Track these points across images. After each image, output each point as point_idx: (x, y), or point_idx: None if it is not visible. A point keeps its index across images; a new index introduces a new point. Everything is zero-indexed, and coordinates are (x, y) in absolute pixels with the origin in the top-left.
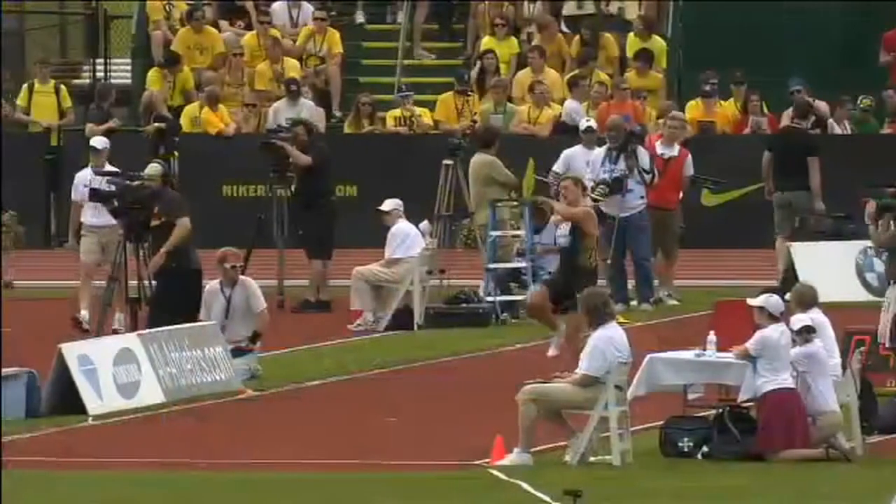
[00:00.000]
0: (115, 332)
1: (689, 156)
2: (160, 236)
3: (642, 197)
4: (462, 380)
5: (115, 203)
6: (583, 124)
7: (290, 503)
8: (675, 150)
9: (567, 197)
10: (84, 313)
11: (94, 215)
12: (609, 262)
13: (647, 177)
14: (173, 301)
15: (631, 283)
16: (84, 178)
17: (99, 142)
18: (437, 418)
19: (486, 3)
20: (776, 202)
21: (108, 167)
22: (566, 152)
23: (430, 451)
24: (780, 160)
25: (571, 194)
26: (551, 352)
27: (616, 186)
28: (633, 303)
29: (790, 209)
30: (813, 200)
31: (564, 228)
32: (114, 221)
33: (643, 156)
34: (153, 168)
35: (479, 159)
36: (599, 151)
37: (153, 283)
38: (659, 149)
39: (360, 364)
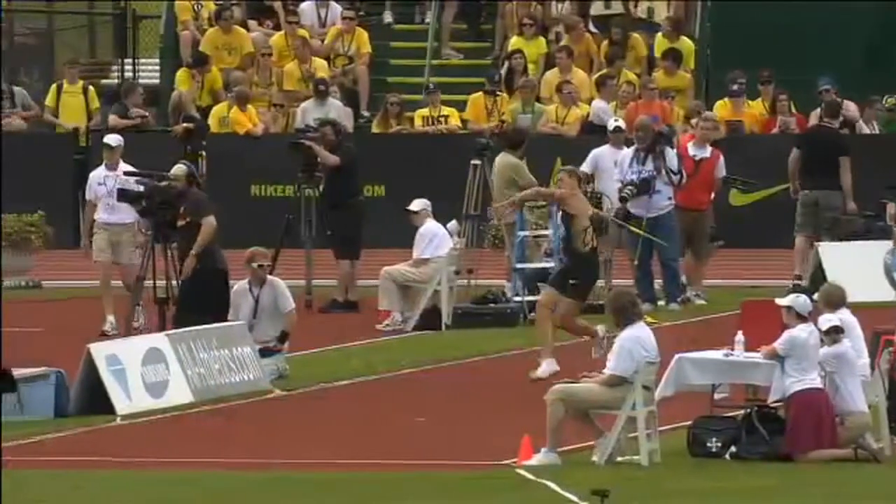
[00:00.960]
0: (136, 329)
1: (721, 157)
2: (187, 236)
3: (670, 198)
4: (489, 379)
5: (144, 203)
6: (611, 124)
7: (319, 502)
8: (707, 151)
9: (562, 188)
10: (111, 319)
11: (106, 212)
12: (636, 262)
13: (675, 178)
14: (199, 301)
15: (658, 283)
16: (98, 176)
17: (113, 139)
18: (465, 418)
19: (514, 3)
20: (802, 200)
21: (123, 165)
22: (594, 152)
23: (457, 450)
24: (809, 159)
25: (567, 186)
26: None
27: (643, 187)
28: (661, 302)
29: (816, 208)
30: (844, 200)
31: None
32: (127, 219)
33: (671, 156)
34: (178, 168)
35: (503, 160)
36: (627, 152)
37: (179, 283)
38: (691, 150)
39: (387, 364)
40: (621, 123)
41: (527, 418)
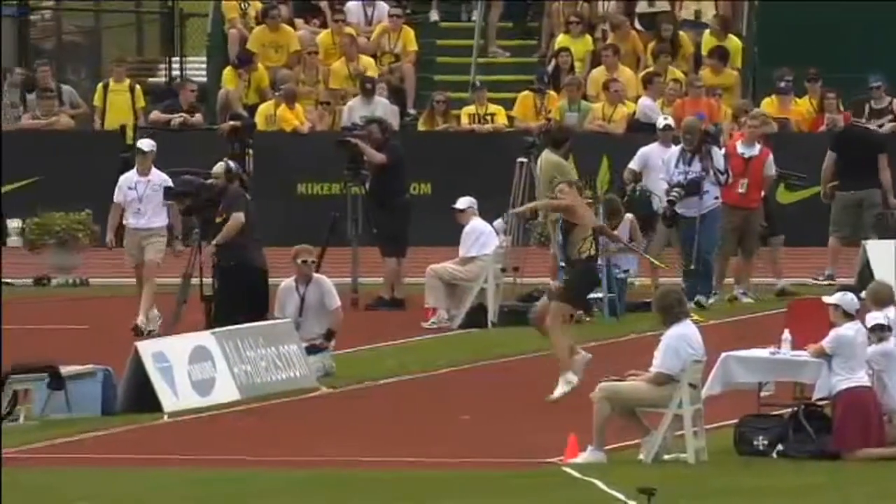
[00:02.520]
0: (150, 332)
1: (770, 155)
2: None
3: (716, 197)
4: (536, 377)
5: (189, 202)
6: (660, 122)
7: (365, 501)
8: (756, 149)
9: (565, 199)
10: (142, 318)
11: (135, 217)
12: (693, 265)
13: (722, 177)
14: (234, 299)
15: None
16: (129, 180)
17: (146, 144)
18: (511, 416)
19: (561, 1)
20: (843, 202)
21: (154, 171)
22: (642, 150)
23: (503, 449)
24: (847, 160)
25: (569, 196)
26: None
27: (692, 189)
28: (710, 300)
29: (859, 209)
30: (885, 196)
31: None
32: (154, 224)
33: (717, 156)
34: (218, 166)
35: (546, 158)
36: (673, 151)
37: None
38: (739, 148)
39: (433, 362)
40: (671, 121)
41: (573, 416)
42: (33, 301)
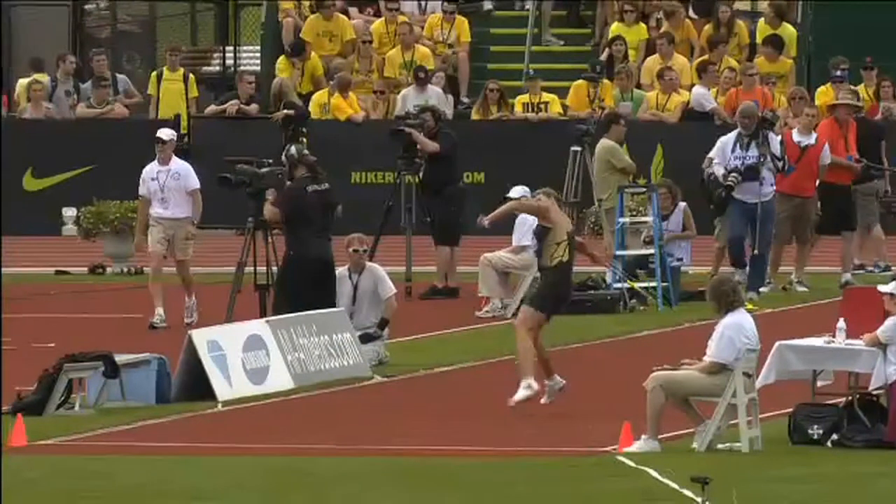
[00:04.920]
0: (188, 324)
1: (827, 144)
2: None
3: (772, 184)
4: (589, 366)
5: (248, 190)
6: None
7: (419, 490)
8: (812, 138)
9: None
10: (159, 311)
11: (160, 207)
12: (756, 251)
13: (779, 164)
14: (291, 289)
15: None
16: (151, 171)
17: (165, 133)
18: (565, 405)
19: None
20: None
21: (175, 160)
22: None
23: (557, 437)
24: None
25: (545, 203)
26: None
27: (749, 174)
28: (764, 289)
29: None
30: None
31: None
32: (180, 214)
33: (774, 142)
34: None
35: (600, 144)
36: (729, 137)
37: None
38: (795, 136)
39: (487, 351)
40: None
41: (627, 405)
42: (88, 289)
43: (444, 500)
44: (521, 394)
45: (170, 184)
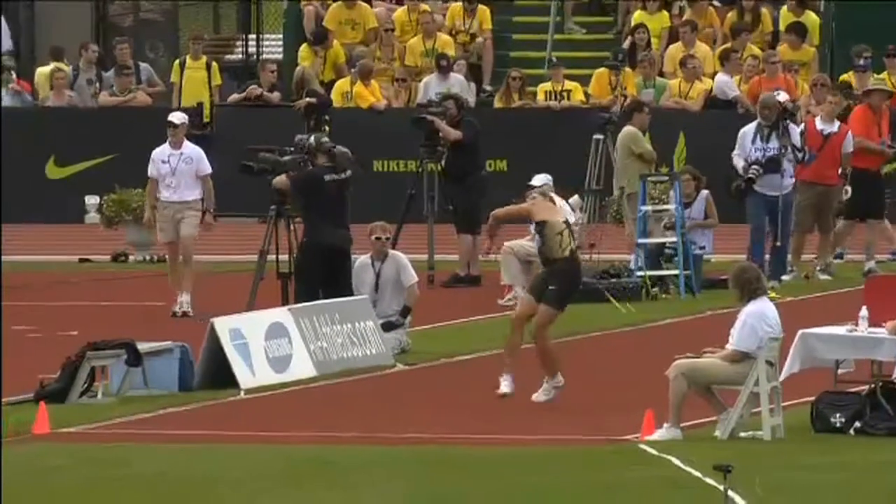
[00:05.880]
0: (185, 314)
1: (850, 132)
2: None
3: (792, 176)
4: (611, 354)
5: (269, 177)
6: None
7: (440, 478)
8: (836, 126)
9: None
10: (181, 298)
11: (168, 191)
12: (778, 243)
13: (799, 155)
14: (308, 275)
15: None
16: (162, 154)
17: (177, 117)
18: (587, 393)
19: None
20: None
21: (187, 143)
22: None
23: (579, 425)
24: None
25: (538, 202)
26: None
27: (771, 166)
28: (786, 277)
29: None
30: None
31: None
32: (188, 197)
33: (794, 133)
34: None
35: (623, 131)
36: (749, 128)
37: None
38: (819, 124)
39: None
40: (782, 97)
41: (649, 393)
42: (111, 277)
43: (465, 489)
44: (507, 388)
45: (181, 167)
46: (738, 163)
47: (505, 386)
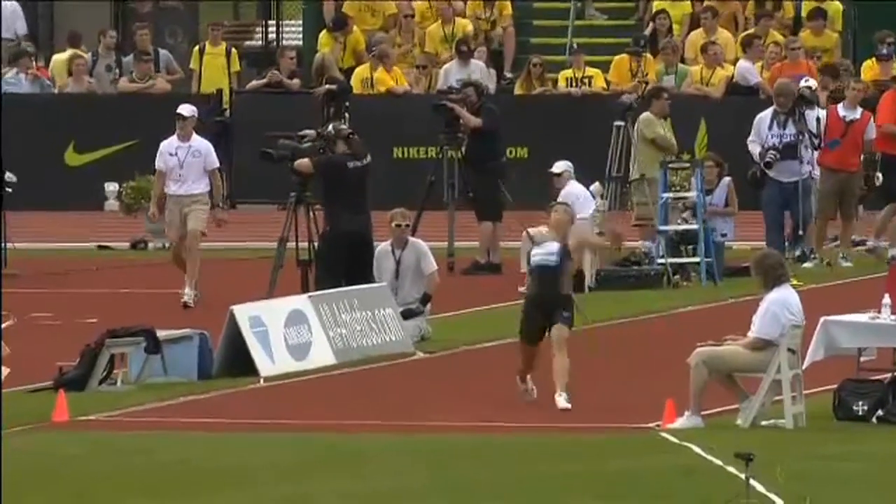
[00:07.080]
0: (185, 304)
1: (872, 118)
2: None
3: (809, 162)
4: (633, 342)
5: (290, 164)
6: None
7: (463, 465)
8: (858, 112)
9: (559, 227)
10: (189, 292)
11: (176, 184)
12: (800, 231)
13: (815, 141)
14: (332, 264)
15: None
16: (170, 146)
17: (186, 109)
18: (609, 380)
19: None
20: None
21: (196, 137)
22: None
23: (601, 413)
24: None
25: (564, 224)
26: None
27: (787, 152)
28: (808, 264)
29: None
30: None
31: (551, 246)
32: (195, 190)
33: (811, 119)
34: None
35: (640, 117)
36: (766, 114)
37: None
38: (841, 111)
39: None
40: (812, 84)
41: (670, 381)
42: (130, 265)
43: (485, 477)
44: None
45: (189, 161)
46: (754, 149)
47: (562, 401)
